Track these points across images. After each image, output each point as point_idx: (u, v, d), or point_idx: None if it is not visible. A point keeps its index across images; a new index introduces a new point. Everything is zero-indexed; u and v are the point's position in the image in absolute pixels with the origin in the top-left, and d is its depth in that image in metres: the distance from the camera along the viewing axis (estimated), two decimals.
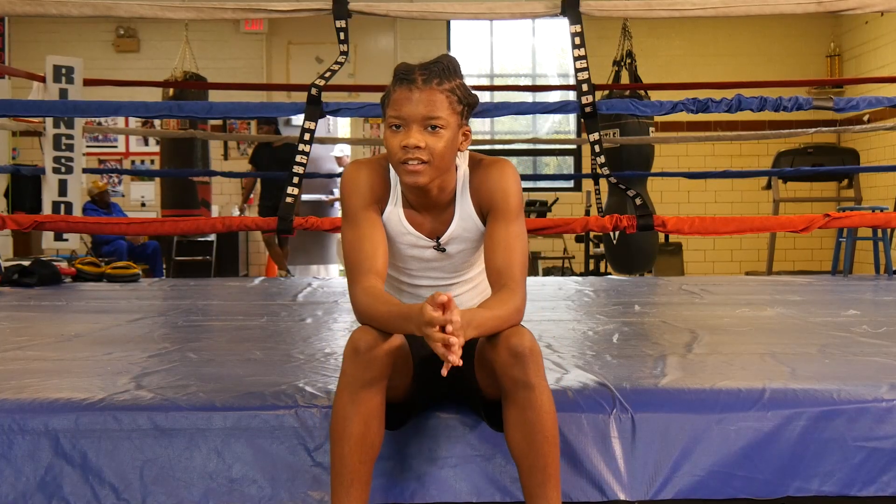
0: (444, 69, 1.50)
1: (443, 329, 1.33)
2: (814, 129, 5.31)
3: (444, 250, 1.59)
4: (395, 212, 1.59)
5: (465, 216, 1.58)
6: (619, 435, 1.64)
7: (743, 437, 1.65)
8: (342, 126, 8.89)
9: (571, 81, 6.87)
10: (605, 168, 3.06)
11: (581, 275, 7.17)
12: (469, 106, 1.54)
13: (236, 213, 7.90)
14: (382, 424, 1.47)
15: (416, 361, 1.55)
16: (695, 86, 5.16)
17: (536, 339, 1.46)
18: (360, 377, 1.42)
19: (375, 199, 1.57)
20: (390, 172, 1.59)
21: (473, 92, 1.55)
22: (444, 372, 1.34)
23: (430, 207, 1.58)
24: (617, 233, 3.13)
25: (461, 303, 1.63)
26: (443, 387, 1.63)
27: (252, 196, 7.76)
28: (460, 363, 1.31)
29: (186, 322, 2.95)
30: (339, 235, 7.24)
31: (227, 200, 8.32)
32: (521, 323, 1.54)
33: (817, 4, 2.91)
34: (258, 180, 7.43)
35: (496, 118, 8.61)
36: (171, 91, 6.43)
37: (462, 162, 1.59)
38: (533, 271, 7.46)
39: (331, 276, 7.58)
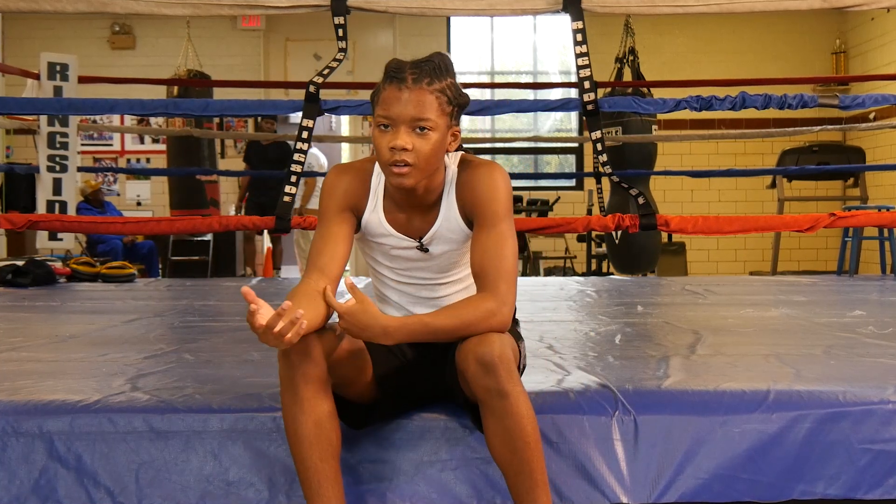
0: (436, 68, 1.47)
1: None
2: (819, 127, 5.28)
3: (426, 250, 1.57)
4: (374, 215, 1.57)
5: (449, 217, 1.56)
6: (621, 437, 1.63)
7: (747, 440, 1.64)
8: (343, 124, 8.87)
9: (573, 79, 6.85)
10: (608, 166, 3.04)
11: (583, 275, 7.15)
12: (459, 106, 1.51)
13: (233, 212, 7.86)
14: (335, 420, 1.45)
15: (388, 366, 1.54)
16: (698, 83, 5.14)
17: (537, 340, 1.43)
18: (294, 376, 1.41)
19: (351, 205, 1.56)
20: (373, 175, 1.58)
21: (465, 91, 1.52)
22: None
23: (414, 207, 1.56)
24: (619, 232, 3.11)
25: (451, 302, 1.61)
26: (421, 392, 1.62)
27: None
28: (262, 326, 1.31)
29: (183, 323, 2.93)
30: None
31: (224, 199, 8.28)
32: (522, 324, 1.51)
33: (822, 0, 2.88)
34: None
35: (497, 116, 8.60)
36: (175, 89, 6.40)
37: (451, 162, 1.57)
38: (534, 271, 7.44)
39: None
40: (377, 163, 1.56)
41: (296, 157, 2.79)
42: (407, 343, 1.48)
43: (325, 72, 2.85)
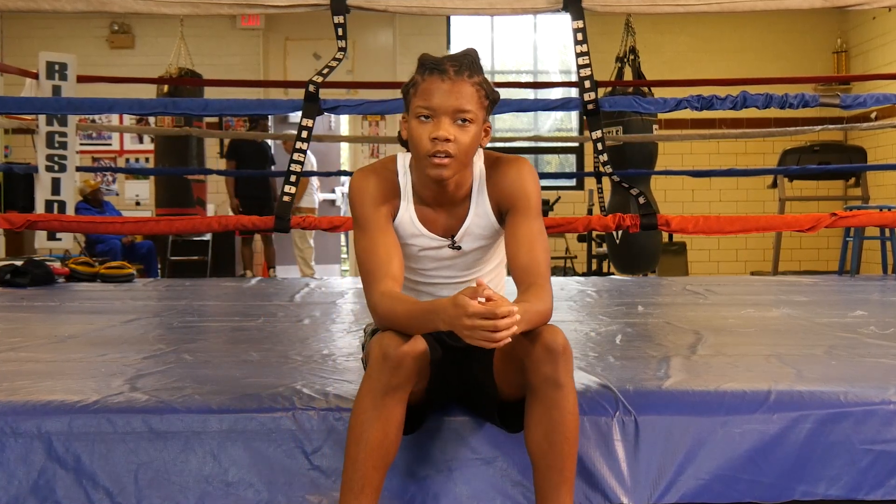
0: (473, 62, 1.50)
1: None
2: (820, 127, 5.26)
3: (459, 248, 1.59)
4: (406, 214, 1.58)
5: (480, 213, 1.57)
6: (622, 438, 1.63)
7: (748, 440, 1.64)
8: (343, 124, 8.86)
9: (574, 78, 6.83)
10: (608, 166, 3.03)
11: (583, 275, 7.15)
12: (493, 102, 1.53)
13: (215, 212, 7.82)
14: (401, 431, 1.45)
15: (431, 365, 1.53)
16: (699, 82, 5.13)
17: None
18: (387, 383, 1.40)
19: (385, 205, 1.56)
20: (398, 175, 1.58)
21: (495, 88, 1.54)
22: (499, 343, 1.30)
23: (444, 204, 1.57)
24: (620, 232, 3.10)
25: None
26: (454, 389, 1.62)
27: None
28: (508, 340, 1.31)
29: (182, 323, 2.93)
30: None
31: (223, 199, 8.27)
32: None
33: None
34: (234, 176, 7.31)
35: (497, 115, 8.58)
36: (165, 88, 6.39)
37: (478, 159, 1.59)
38: None
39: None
40: (399, 163, 1.58)
41: (295, 156, 2.79)
42: (436, 342, 1.48)
43: (325, 71, 2.84)
